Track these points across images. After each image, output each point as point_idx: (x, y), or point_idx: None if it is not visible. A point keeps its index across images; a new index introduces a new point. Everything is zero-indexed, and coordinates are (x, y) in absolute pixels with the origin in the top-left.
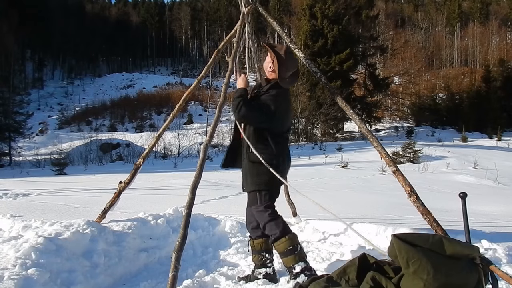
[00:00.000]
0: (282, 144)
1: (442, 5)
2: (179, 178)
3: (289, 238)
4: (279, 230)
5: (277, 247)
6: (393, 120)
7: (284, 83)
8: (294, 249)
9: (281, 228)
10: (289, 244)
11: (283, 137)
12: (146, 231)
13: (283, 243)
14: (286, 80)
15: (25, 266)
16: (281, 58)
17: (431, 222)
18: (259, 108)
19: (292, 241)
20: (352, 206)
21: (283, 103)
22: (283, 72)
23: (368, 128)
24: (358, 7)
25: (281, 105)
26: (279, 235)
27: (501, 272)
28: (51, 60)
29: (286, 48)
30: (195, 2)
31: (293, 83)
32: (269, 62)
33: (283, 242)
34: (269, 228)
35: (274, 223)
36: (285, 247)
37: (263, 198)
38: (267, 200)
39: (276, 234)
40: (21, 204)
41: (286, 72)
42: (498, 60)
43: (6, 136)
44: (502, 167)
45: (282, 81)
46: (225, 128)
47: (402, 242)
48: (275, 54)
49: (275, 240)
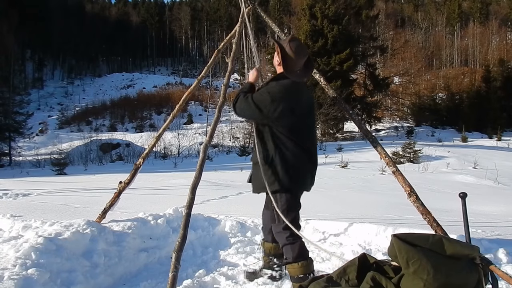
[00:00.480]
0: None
1: (442, 5)
2: (179, 178)
3: (301, 265)
4: (293, 255)
5: (289, 270)
6: (393, 120)
7: (294, 75)
8: (305, 278)
9: (296, 253)
10: (300, 272)
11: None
12: (146, 231)
13: (294, 269)
14: (296, 72)
15: (25, 266)
16: (286, 48)
17: (431, 222)
18: (254, 102)
19: (305, 270)
20: (352, 206)
21: (289, 95)
22: (291, 64)
23: (369, 131)
24: (358, 7)
25: (284, 98)
26: (292, 261)
27: (501, 272)
28: (51, 60)
29: (291, 37)
30: (195, 2)
31: (307, 74)
32: (276, 56)
33: (294, 267)
34: (285, 251)
35: (290, 247)
36: (295, 273)
37: (279, 202)
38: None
39: (289, 259)
40: (21, 204)
41: (294, 62)
42: (498, 60)
43: (6, 136)
44: (502, 167)
45: (291, 74)
46: (225, 128)
47: (402, 242)
48: (279, 46)
49: (288, 263)
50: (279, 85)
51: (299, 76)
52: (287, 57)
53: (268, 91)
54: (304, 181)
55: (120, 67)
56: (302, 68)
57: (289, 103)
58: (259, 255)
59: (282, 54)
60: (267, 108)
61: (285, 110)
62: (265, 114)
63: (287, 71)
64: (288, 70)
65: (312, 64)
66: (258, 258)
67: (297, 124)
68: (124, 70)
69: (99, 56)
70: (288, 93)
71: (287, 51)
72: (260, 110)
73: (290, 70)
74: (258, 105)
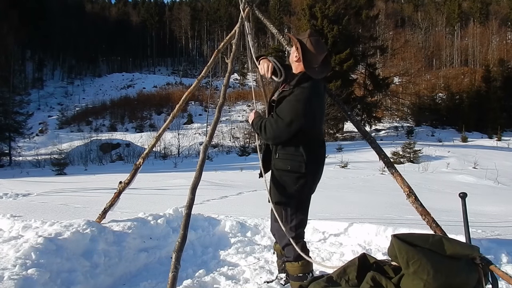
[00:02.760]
0: (317, 149)
1: (442, 5)
2: (179, 178)
3: (302, 264)
4: (294, 254)
5: (288, 269)
6: (393, 120)
7: (314, 73)
8: (304, 277)
9: (297, 253)
10: (300, 271)
11: (319, 140)
12: (146, 231)
13: (294, 268)
14: (315, 69)
15: (25, 266)
16: (306, 44)
17: (430, 222)
18: (282, 119)
19: (304, 269)
20: (352, 206)
21: (315, 97)
22: (311, 60)
23: (368, 132)
24: (358, 7)
25: (312, 101)
26: (292, 260)
27: (501, 272)
28: (51, 60)
29: (310, 32)
30: (195, 2)
31: (326, 71)
32: (294, 52)
33: (295, 266)
34: (286, 251)
35: (292, 247)
36: (295, 272)
37: (289, 217)
38: (293, 219)
39: (290, 258)
40: (21, 204)
41: (314, 59)
42: (498, 60)
43: (6, 136)
44: (502, 167)
45: (311, 71)
46: (225, 128)
47: (402, 242)
48: (298, 41)
49: (288, 261)
50: (306, 90)
51: (318, 74)
52: (308, 52)
53: (297, 99)
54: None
55: (120, 67)
56: (320, 65)
57: (317, 105)
58: (259, 255)
59: (303, 50)
60: (303, 118)
61: (316, 114)
62: (301, 123)
63: (307, 68)
64: (308, 66)
65: (329, 62)
66: (258, 258)
67: (320, 121)
68: (124, 70)
69: (99, 56)
70: (315, 96)
71: (308, 46)
72: (296, 121)
73: (309, 66)
74: (292, 118)
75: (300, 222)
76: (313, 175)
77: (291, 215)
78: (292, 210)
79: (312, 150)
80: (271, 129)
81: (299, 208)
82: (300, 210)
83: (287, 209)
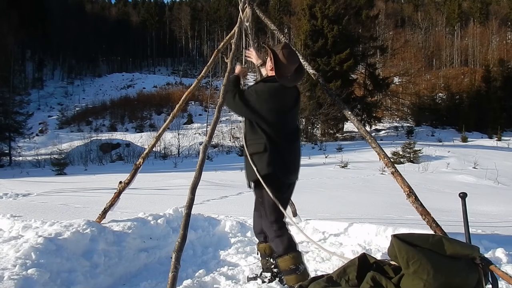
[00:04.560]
0: (279, 144)
1: (442, 5)
2: (179, 178)
3: (292, 257)
4: (282, 247)
5: (280, 264)
6: (393, 120)
7: (285, 81)
8: (296, 269)
9: (285, 245)
10: (291, 263)
11: (279, 137)
12: (146, 231)
13: (285, 261)
14: (287, 77)
15: (25, 266)
16: (279, 55)
17: (430, 222)
18: (241, 101)
19: (295, 260)
20: (352, 206)
21: (271, 96)
22: (283, 69)
23: (369, 132)
24: (358, 7)
25: (267, 100)
26: (282, 253)
27: (501, 272)
28: (51, 60)
29: (284, 44)
30: (195, 2)
31: (297, 80)
32: (268, 62)
33: (285, 260)
34: (274, 245)
35: (280, 240)
36: (286, 265)
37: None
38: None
39: (279, 252)
40: (21, 204)
41: (286, 69)
42: (498, 60)
43: (6, 136)
44: (502, 167)
45: (283, 79)
46: (225, 128)
47: (402, 242)
48: (272, 52)
49: (278, 257)
50: (266, 86)
51: (289, 81)
52: (279, 63)
53: (256, 90)
54: (287, 171)
55: (120, 67)
56: (293, 74)
57: (274, 103)
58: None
59: (275, 60)
60: (254, 107)
61: (270, 110)
62: (251, 111)
63: (278, 76)
64: (279, 75)
65: (302, 72)
66: (258, 258)
67: (280, 120)
68: (124, 70)
69: (99, 56)
70: (274, 94)
71: (280, 57)
72: (247, 108)
73: (281, 75)
74: (246, 104)
75: (279, 216)
76: (277, 180)
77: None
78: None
79: (275, 145)
80: (229, 101)
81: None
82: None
83: (265, 204)
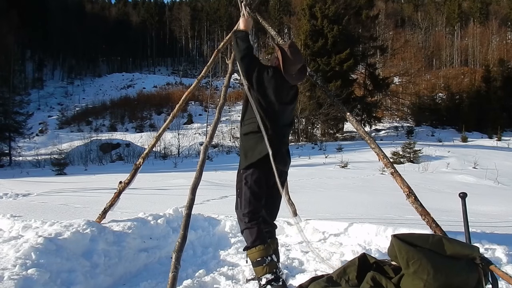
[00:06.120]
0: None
1: (442, 5)
2: (179, 178)
3: (259, 249)
4: (250, 240)
5: (248, 256)
6: (393, 120)
7: (290, 78)
8: (263, 261)
9: (253, 237)
10: (258, 255)
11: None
12: (146, 231)
13: (253, 253)
14: (292, 75)
15: (25, 266)
16: (286, 52)
17: (430, 223)
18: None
19: (262, 253)
20: (352, 206)
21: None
22: (289, 66)
23: (368, 133)
24: (358, 7)
25: (270, 82)
26: (249, 245)
27: (501, 272)
28: (51, 60)
29: (291, 43)
30: (195, 2)
31: (300, 79)
32: (275, 58)
33: (253, 252)
34: (245, 236)
35: (249, 232)
36: (254, 257)
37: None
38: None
39: (247, 243)
40: (21, 204)
41: (292, 66)
42: (498, 60)
43: (6, 136)
44: (502, 167)
45: (288, 76)
46: (225, 128)
47: (402, 242)
48: (280, 49)
49: (246, 249)
50: (279, 73)
51: (293, 79)
52: (287, 59)
53: (273, 70)
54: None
55: (120, 67)
56: (297, 73)
57: (279, 91)
58: None
59: (283, 56)
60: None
61: (275, 95)
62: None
63: (285, 72)
64: (286, 70)
65: (305, 72)
66: None
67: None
68: (124, 70)
69: (99, 56)
70: (281, 85)
71: (288, 54)
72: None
73: (287, 71)
74: (259, 72)
75: (253, 209)
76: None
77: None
78: (245, 197)
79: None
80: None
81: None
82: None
83: (242, 196)
